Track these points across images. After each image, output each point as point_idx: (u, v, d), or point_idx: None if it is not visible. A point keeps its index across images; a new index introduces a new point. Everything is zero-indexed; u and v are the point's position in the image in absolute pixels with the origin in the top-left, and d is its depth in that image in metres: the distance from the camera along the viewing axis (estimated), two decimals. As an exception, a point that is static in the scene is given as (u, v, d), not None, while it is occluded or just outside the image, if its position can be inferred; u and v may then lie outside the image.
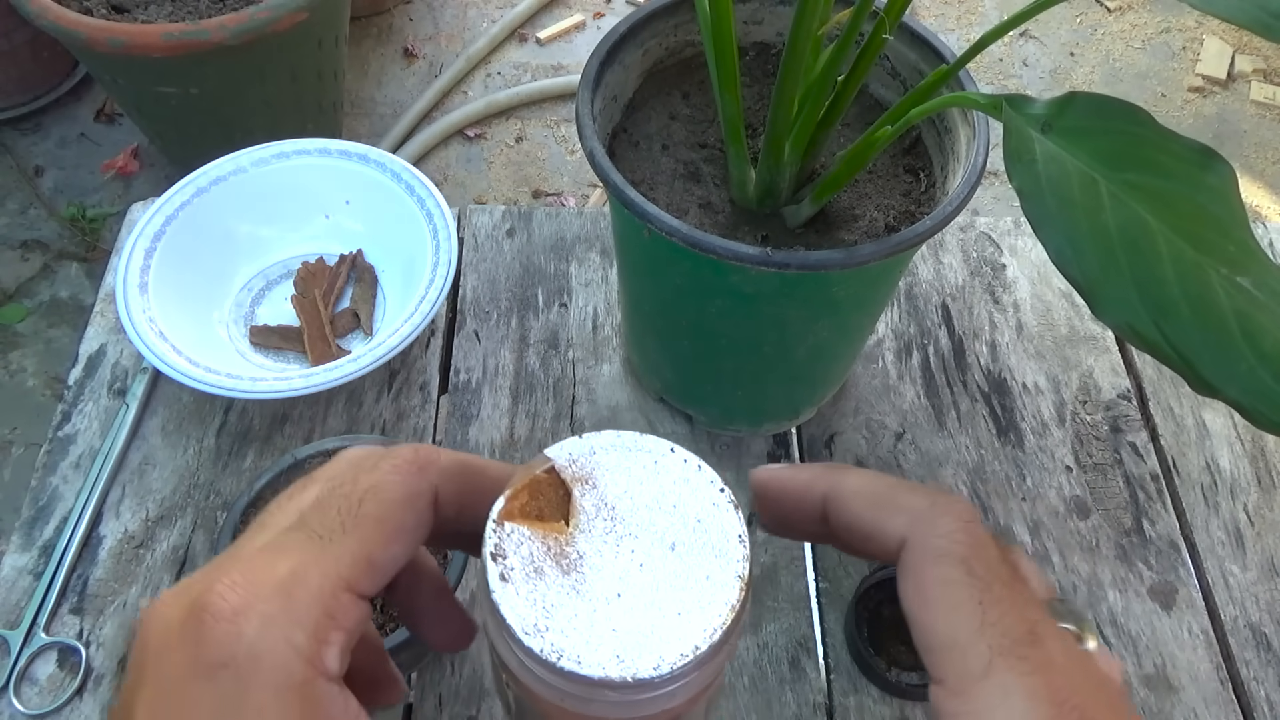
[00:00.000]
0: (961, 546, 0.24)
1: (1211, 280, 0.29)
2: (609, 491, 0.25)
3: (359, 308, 0.64)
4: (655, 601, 0.23)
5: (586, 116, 0.46)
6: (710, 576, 0.24)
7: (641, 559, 0.24)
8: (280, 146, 0.66)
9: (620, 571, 0.23)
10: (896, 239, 0.43)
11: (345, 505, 0.24)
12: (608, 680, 0.22)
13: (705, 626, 0.23)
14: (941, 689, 0.23)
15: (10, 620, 0.53)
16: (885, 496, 0.26)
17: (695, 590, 0.23)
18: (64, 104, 1.74)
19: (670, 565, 0.24)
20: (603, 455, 0.25)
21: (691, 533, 0.24)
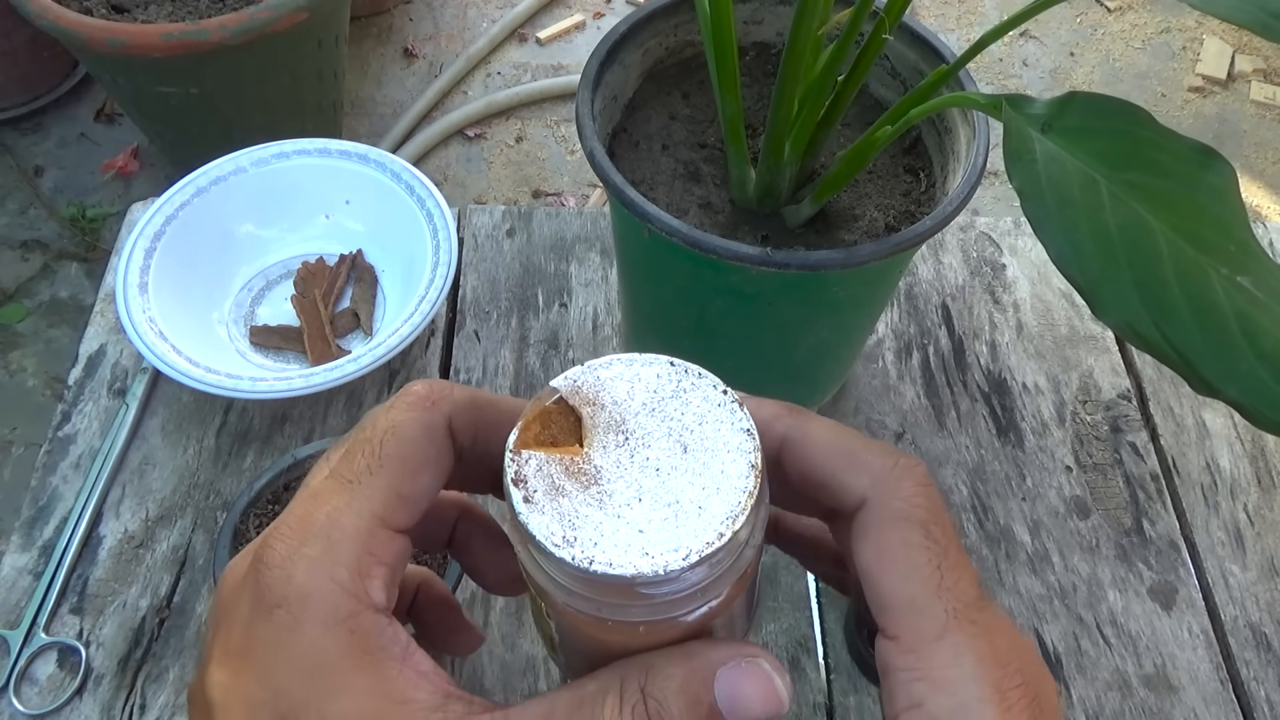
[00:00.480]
0: (922, 510, 0.25)
1: (1211, 280, 0.29)
2: (616, 409, 0.26)
3: (359, 308, 0.64)
4: (675, 500, 0.24)
5: (586, 116, 0.46)
6: (724, 470, 0.24)
7: (656, 464, 0.25)
8: (280, 146, 0.66)
9: (637, 479, 0.25)
10: (896, 239, 0.43)
11: (368, 449, 0.26)
12: (640, 577, 0.23)
13: (725, 515, 0.24)
14: (895, 645, 0.24)
15: (10, 620, 0.53)
16: (849, 450, 0.27)
17: (712, 484, 0.24)
18: (64, 104, 1.74)
19: (685, 465, 0.25)
20: (605, 377, 0.26)
21: (701, 434, 0.25)
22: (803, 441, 0.27)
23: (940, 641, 0.24)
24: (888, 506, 0.26)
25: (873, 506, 0.26)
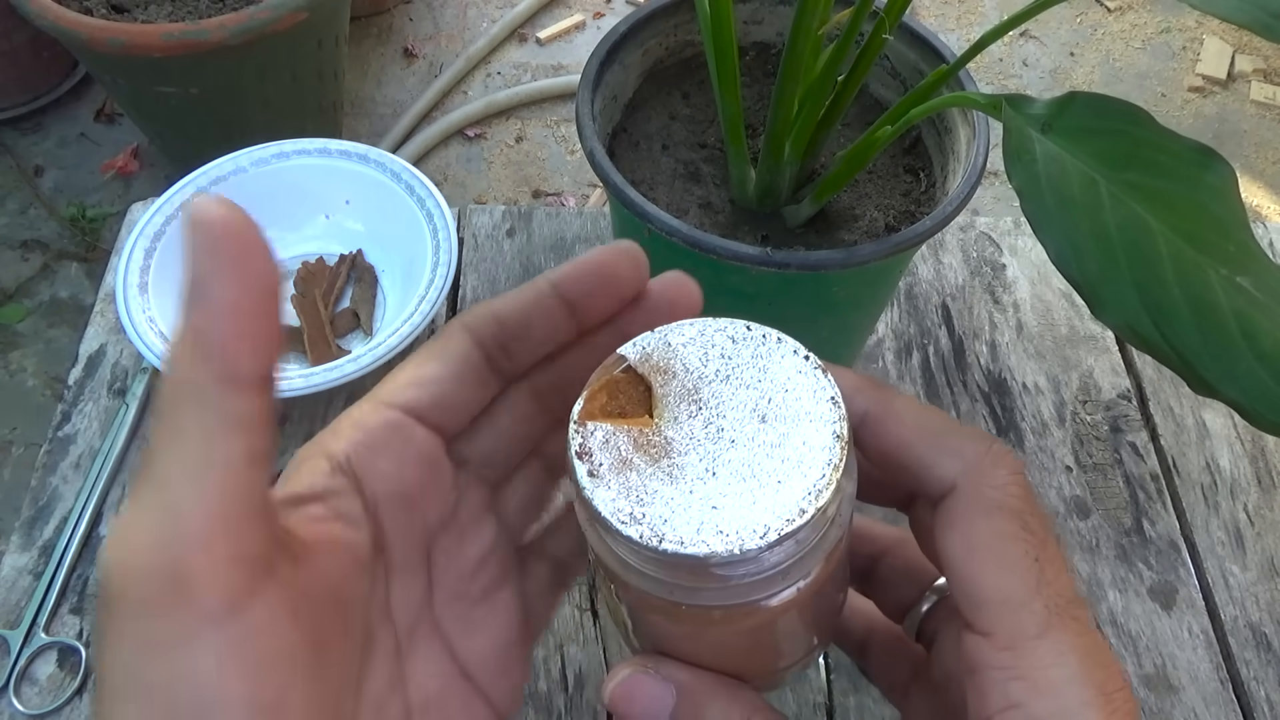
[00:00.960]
0: (1017, 500, 0.24)
1: (1211, 280, 0.29)
2: (689, 377, 0.24)
3: (359, 308, 0.64)
4: (752, 474, 0.22)
5: (586, 116, 0.46)
6: (806, 441, 0.22)
7: (732, 435, 0.23)
8: (280, 146, 0.66)
9: (711, 451, 0.23)
10: (896, 239, 0.43)
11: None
12: (714, 556, 0.21)
13: (808, 490, 0.22)
14: (988, 642, 0.23)
15: (10, 620, 0.53)
16: (937, 432, 0.25)
17: (793, 457, 0.22)
18: (64, 104, 1.74)
19: (763, 437, 0.23)
20: (677, 343, 0.24)
21: (780, 403, 0.23)
22: (886, 418, 0.25)
23: (1041, 640, 0.22)
24: (980, 495, 0.24)
25: (963, 494, 0.24)
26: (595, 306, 0.27)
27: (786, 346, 0.24)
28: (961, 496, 0.24)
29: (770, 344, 0.24)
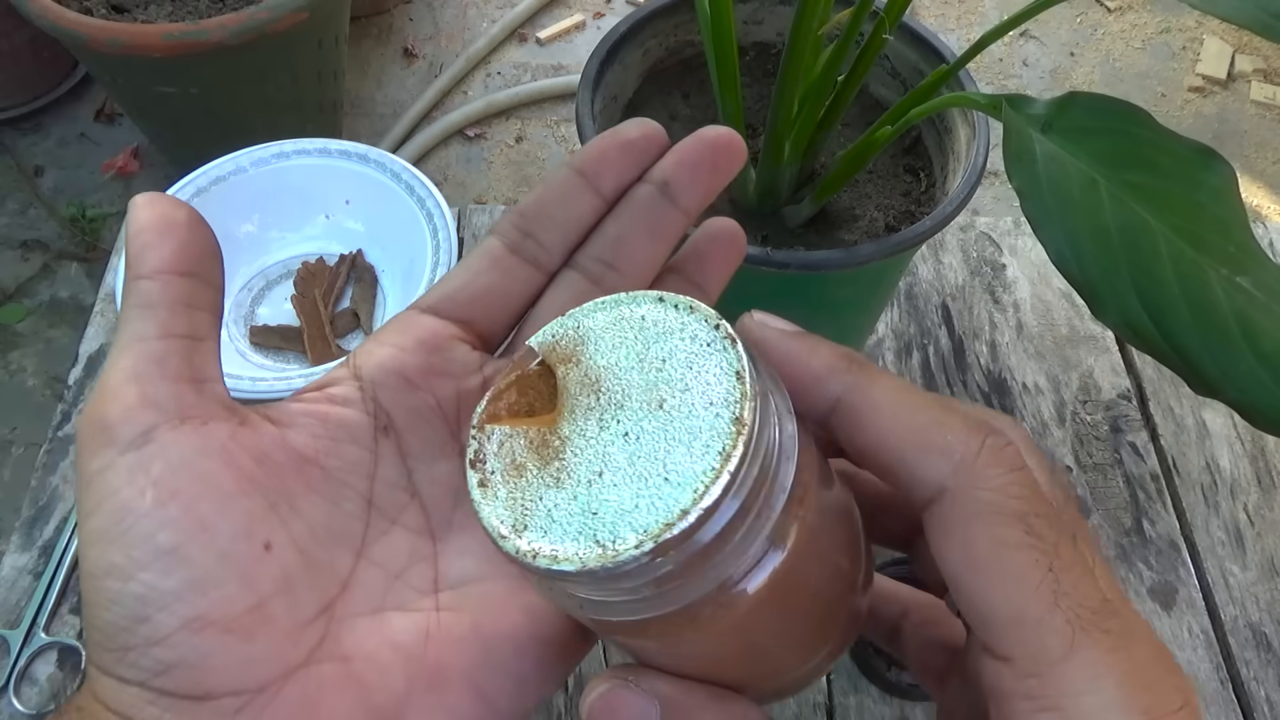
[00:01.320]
0: (1018, 501, 0.20)
1: (1211, 280, 0.29)
2: (593, 363, 0.21)
3: (359, 308, 0.64)
4: (640, 471, 0.19)
5: (586, 116, 0.46)
6: (701, 429, 0.19)
7: (627, 427, 0.20)
8: (280, 146, 0.66)
9: (604, 447, 0.20)
10: (896, 239, 0.43)
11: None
12: (586, 571, 0.18)
13: (695, 487, 0.19)
14: (1008, 668, 0.20)
15: (10, 620, 0.53)
16: (921, 426, 0.21)
17: (685, 448, 0.19)
18: (64, 104, 1.74)
19: (658, 426, 0.20)
20: (588, 327, 0.22)
21: (683, 384, 0.20)
22: (861, 408, 0.22)
23: (1068, 662, 0.19)
24: (973, 499, 0.21)
25: (954, 499, 0.21)
26: (611, 172, 0.27)
27: (697, 316, 0.21)
28: (953, 502, 0.21)
29: (682, 316, 0.21)
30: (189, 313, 0.23)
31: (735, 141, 0.27)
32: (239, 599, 0.21)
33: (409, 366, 0.25)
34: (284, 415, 0.24)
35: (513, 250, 0.27)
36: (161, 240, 0.23)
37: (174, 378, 0.22)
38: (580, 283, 0.27)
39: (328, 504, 0.24)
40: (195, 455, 0.22)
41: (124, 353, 0.23)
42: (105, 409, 0.22)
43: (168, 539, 0.21)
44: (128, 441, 0.21)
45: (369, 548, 0.24)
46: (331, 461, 0.24)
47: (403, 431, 0.25)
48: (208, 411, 0.23)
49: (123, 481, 0.21)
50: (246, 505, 0.22)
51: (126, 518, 0.21)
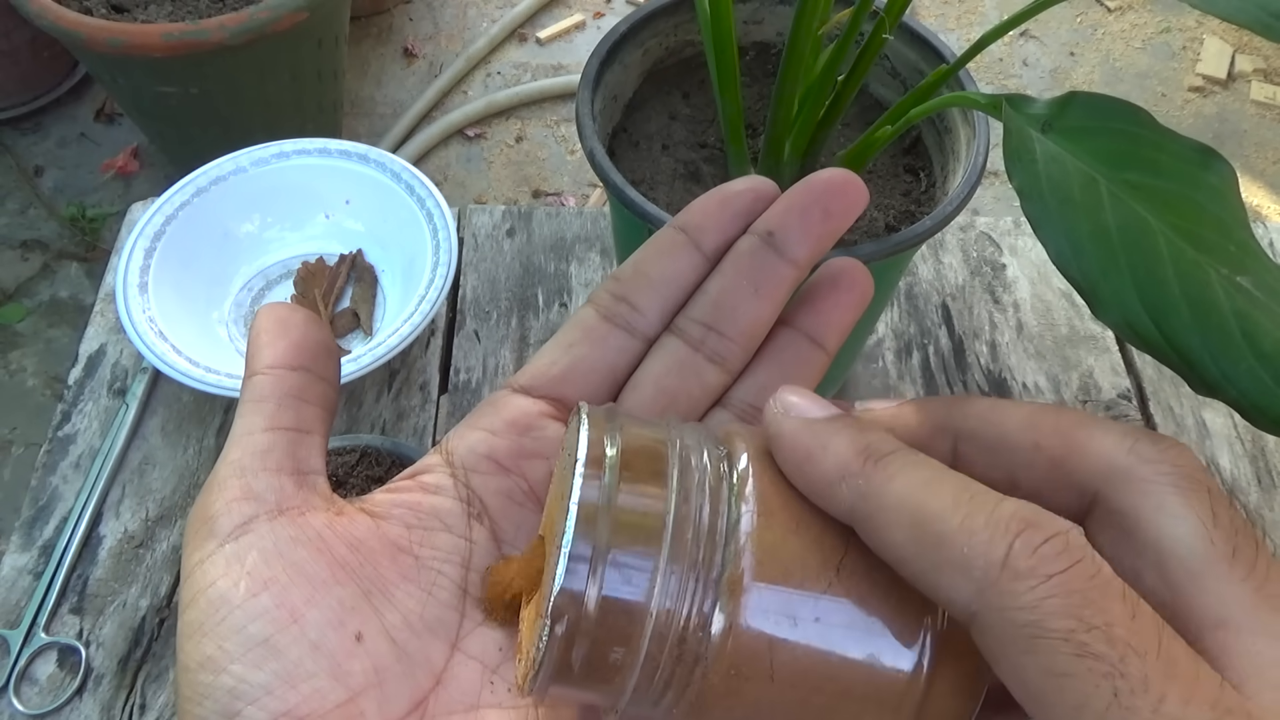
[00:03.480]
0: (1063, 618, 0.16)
1: (1211, 280, 0.29)
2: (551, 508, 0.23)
3: (359, 308, 0.64)
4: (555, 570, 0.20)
5: (586, 116, 0.46)
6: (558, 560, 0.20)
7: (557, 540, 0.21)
8: (280, 146, 0.66)
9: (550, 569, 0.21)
10: (896, 239, 0.43)
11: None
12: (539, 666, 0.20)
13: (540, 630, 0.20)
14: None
15: (10, 620, 0.53)
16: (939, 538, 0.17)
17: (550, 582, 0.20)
18: (64, 104, 1.74)
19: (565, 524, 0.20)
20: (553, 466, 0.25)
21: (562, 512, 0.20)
22: (874, 521, 0.18)
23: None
24: (1006, 622, 0.17)
25: (986, 626, 0.17)
26: (714, 226, 0.26)
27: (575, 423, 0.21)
28: (984, 629, 0.17)
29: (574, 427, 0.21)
30: (298, 406, 0.24)
31: (851, 183, 0.25)
32: (329, 693, 0.21)
33: (499, 450, 0.25)
34: (378, 506, 0.24)
35: (606, 318, 0.26)
36: (276, 338, 0.24)
37: (276, 470, 0.23)
38: (680, 349, 0.26)
39: (422, 593, 0.23)
40: (290, 544, 0.22)
41: (233, 446, 0.23)
42: (210, 502, 0.22)
43: (259, 629, 0.20)
44: (226, 533, 0.22)
45: (464, 640, 0.23)
46: (425, 550, 0.24)
47: (496, 517, 0.25)
48: (306, 502, 0.23)
49: (219, 573, 0.21)
50: (339, 594, 0.22)
51: (220, 609, 0.21)
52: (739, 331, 0.26)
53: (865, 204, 0.26)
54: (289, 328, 0.24)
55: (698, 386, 0.26)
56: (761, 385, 0.26)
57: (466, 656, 0.23)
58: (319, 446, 0.24)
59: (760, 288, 0.25)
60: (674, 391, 0.26)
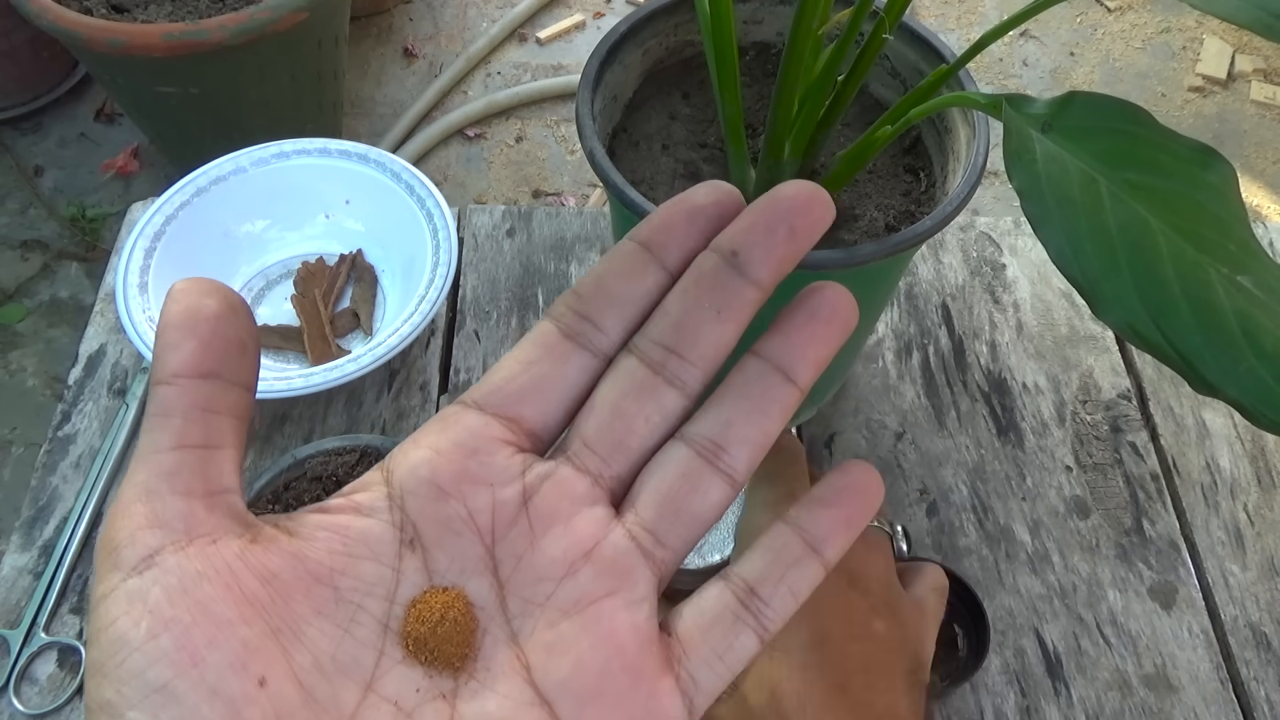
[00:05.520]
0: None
1: (1212, 279, 0.29)
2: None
3: (359, 308, 0.64)
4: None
5: (586, 116, 0.46)
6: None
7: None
8: (280, 146, 0.66)
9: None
10: (896, 239, 0.43)
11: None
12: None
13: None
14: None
15: (10, 620, 0.53)
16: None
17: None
18: (64, 104, 1.74)
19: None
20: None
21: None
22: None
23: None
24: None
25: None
26: (676, 243, 0.25)
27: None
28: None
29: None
30: (206, 419, 0.22)
31: (817, 199, 0.24)
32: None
33: (442, 472, 0.23)
34: (303, 528, 0.22)
35: (567, 335, 0.25)
36: (184, 339, 0.22)
37: (185, 493, 0.21)
38: (639, 371, 0.25)
39: (337, 630, 0.22)
40: (195, 580, 0.20)
41: (139, 466, 0.22)
42: (115, 530, 0.21)
43: (157, 675, 0.19)
44: (131, 566, 0.20)
45: (380, 680, 0.22)
46: (347, 581, 0.22)
47: (430, 546, 0.23)
48: (219, 528, 0.21)
49: (120, 610, 0.20)
50: (244, 635, 0.20)
51: (120, 650, 0.20)
52: (700, 355, 0.25)
53: (831, 219, 0.24)
54: (198, 322, 0.22)
55: (656, 411, 0.25)
56: (726, 420, 0.24)
57: (380, 699, 0.22)
58: (232, 462, 0.23)
59: (722, 310, 0.24)
60: (630, 415, 0.24)
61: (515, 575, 0.23)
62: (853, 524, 0.25)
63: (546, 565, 0.23)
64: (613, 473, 0.24)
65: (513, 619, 0.23)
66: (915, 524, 0.57)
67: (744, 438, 0.24)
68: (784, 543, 0.24)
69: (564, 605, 0.23)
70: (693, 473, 0.24)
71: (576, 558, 0.23)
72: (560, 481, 0.24)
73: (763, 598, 0.24)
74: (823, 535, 0.24)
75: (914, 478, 0.59)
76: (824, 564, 0.24)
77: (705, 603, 0.24)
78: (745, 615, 0.24)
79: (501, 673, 0.22)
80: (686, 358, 0.24)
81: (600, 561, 0.23)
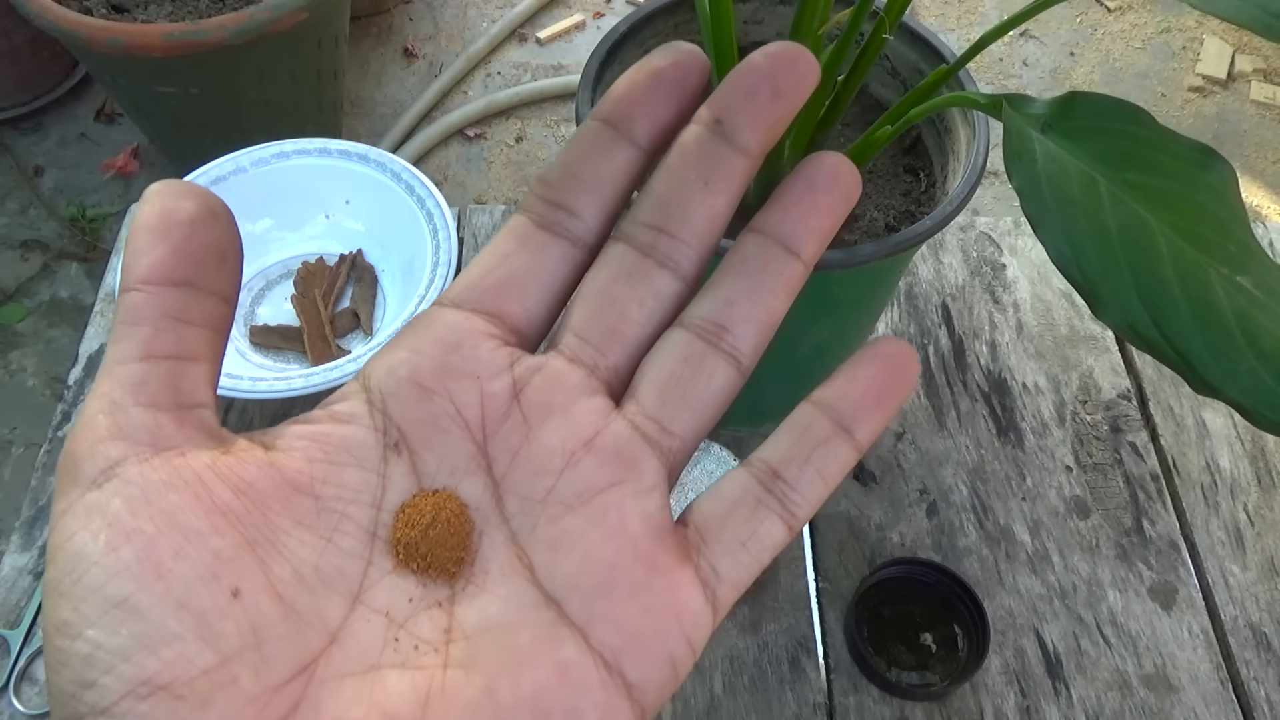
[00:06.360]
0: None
1: (1211, 280, 0.29)
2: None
3: (359, 308, 0.64)
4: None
5: (586, 117, 0.46)
6: None
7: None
8: (280, 146, 0.66)
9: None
10: (896, 239, 0.43)
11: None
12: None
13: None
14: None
15: (10, 620, 0.53)
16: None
17: None
18: (64, 104, 1.74)
19: None
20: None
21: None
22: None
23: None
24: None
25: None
26: (642, 114, 0.23)
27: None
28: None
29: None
30: (178, 329, 0.20)
31: (800, 56, 0.22)
32: (195, 657, 0.18)
33: (423, 370, 0.22)
34: (279, 439, 0.21)
35: (542, 225, 0.23)
36: (155, 243, 0.20)
37: (151, 405, 0.20)
38: (627, 255, 0.23)
39: (320, 541, 0.20)
40: (160, 490, 0.19)
41: (104, 377, 0.20)
42: (75, 444, 0.19)
43: (118, 589, 0.18)
44: (90, 479, 0.19)
45: (369, 591, 0.20)
46: (328, 490, 0.21)
47: (417, 447, 0.21)
48: (188, 440, 0.20)
49: (79, 524, 0.18)
50: (215, 545, 0.19)
51: (78, 565, 0.18)
52: (691, 232, 0.23)
53: (817, 80, 0.23)
54: (171, 226, 0.20)
55: (650, 295, 0.23)
56: (726, 299, 0.23)
57: (370, 610, 0.20)
58: (206, 375, 0.21)
59: (710, 181, 0.23)
60: (623, 300, 0.23)
61: (511, 472, 0.22)
62: (885, 402, 0.22)
63: (544, 458, 0.22)
64: (609, 364, 0.23)
65: (511, 518, 0.21)
66: (915, 524, 0.57)
67: (747, 316, 0.23)
68: (809, 422, 0.22)
69: (566, 499, 0.21)
70: (695, 356, 0.22)
71: (577, 448, 0.22)
72: (552, 373, 0.22)
73: (787, 480, 0.22)
74: (852, 413, 0.22)
75: (914, 478, 0.59)
76: (856, 446, 0.22)
77: (723, 489, 0.22)
78: (768, 499, 0.22)
79: (502, 575, 0.21)
80: (677, 236, 0.23)
81: (603, 451, 0.22)
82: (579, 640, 0.20)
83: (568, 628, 0.20)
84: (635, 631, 0.20)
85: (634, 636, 0.20)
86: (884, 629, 0.52)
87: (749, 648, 0.52)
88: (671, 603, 0.21)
